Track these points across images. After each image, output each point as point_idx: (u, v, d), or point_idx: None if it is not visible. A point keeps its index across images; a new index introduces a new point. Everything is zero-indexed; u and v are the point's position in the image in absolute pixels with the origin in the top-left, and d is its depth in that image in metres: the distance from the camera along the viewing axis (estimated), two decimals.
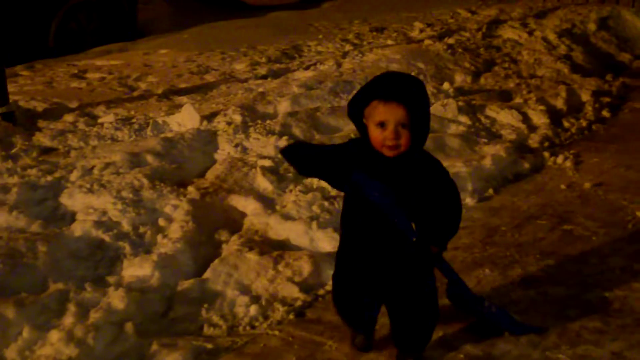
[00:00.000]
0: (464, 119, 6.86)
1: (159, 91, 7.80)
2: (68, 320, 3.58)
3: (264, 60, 9.19)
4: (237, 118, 6.45)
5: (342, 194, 3.20)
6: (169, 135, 6.14)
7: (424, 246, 3.03)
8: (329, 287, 3.84)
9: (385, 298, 3.23)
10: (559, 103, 7.55)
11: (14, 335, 3.48)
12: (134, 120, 6.66)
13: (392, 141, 2.83)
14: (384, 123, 2.82)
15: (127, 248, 4.43)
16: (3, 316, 3.52)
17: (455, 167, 5.61)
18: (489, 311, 3.60)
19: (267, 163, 5.47)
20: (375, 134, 2.87)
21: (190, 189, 5.03)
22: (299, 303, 3.96)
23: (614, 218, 5.00)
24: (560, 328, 3.66)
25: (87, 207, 4.79)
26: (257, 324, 3.82)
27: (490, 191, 5.57)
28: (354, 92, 3.05)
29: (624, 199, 5.33)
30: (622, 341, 3.53)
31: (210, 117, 6.58)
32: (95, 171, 5.30)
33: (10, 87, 7.10)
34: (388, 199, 2.92)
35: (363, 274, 3.14)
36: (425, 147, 5.88)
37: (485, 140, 6.44)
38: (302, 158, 3.13)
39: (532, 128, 6.93)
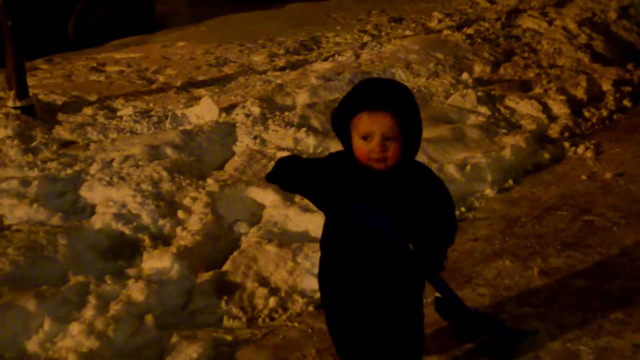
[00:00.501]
0: (483, 109, 6.82)
1: (178, 84, 7.81)
2: (88, 312, 3.60)
3: (282, 52, 9.18)
4: (256, 110, 6.44)
5: None
6: (188, 127, 6.14)
7: (423, 262, 2.75)
8: None
9: (375, 326, 2.86)
10: (580, 93, 7.49)
11: (35, 327, 3.50)
12: (152, 113, 6.67)
13: (378, 154, 2.54)
14: (369, 135, 2.53)
15: (147, 240, 4.44)
16: (24, 309, 3.54)
17: (475, 157, 5.59)
18: (480, 322, 3.43)
19: (286, 155, 5.45)
20: (359, 146, 2.58)
21: (210, 181, 5.03)
22: (318, 295, 3.95)
23: (636, 208, 4.96)
24: (582, 319, 3.63)
25: (106, 199, 4.81)
26: (276, 315, 3.83)
27: (510, 182, 5.53)
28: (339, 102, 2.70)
29: None
30: None
31: (228, 109, 6.58)
32: (115, 164, 5.32)
33: (30, 81, 7.13)
34: (391, 226, 2.65)
35: (352, 301, 2.80)
36: (444, 138, 5.90)
37: (505, 130, 6.40)
38: (287, 174, 2.75)
39: (552, 118, 6.88)
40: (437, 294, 3.32)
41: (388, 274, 2.74)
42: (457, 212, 5.00)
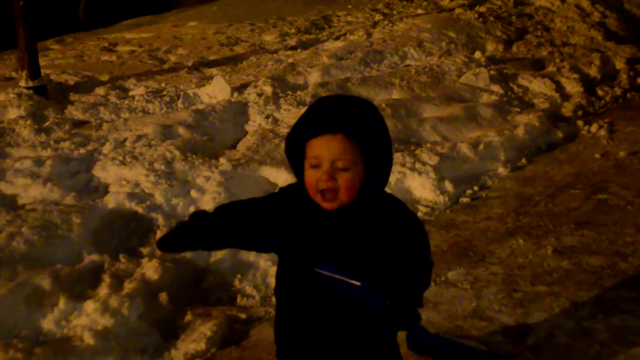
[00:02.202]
0: (496, 88, 6.78)
1: (189, 63, 7.81)
2: (103, 290, 3.61)
3: (293, 31, 9.16)
4: (268, 89, 6.43)
5: None
6: (200, 107, 6.14)
7: (398, 316, 2.10)
8: None
9: None
10: (593, 71, 7.44)
11: (50, 306, 3.51)
12: (164, 93, 6.67)
13: (325, 183, 2.01)
14: (317, 161, 2.02)
15: (160, 219, 4.45)
16: (39, 287, 3.56)
17: (488, 136, 5.57)
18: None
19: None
20: (307, 175, 2.06)
21: (222, 160, 5.03)
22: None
23: None
24: (596, 298, 3.62)
25: (120, 179, 4.82)
26: None
27: (524, 161, 5.51)
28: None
29: None
30: None
31: (240, 88, 6.57)
32: (128, 143, 5.33)
33: (42, 61, 7.15)
34: (368, 291, 2.03)
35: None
36: (457, 117, 5.88)
37: (518, 109, 6.38)
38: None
39: (566, 97, 6.84)
40: None
41: (358, 329, 2.17)
42: (469, 191, 4.99)
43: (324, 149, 2.01)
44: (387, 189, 2.21)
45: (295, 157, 2.11)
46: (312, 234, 2.11)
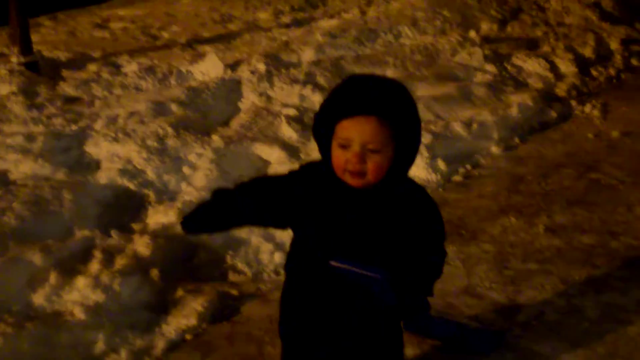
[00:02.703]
0: (490, 67, 6.77)
1: (183, 40, 7.78)
2: (94, 266, 3.60)
3: (287, 9, 9.12)
4: (261, 67, 6.41)
5: None
6: (193, 84, 6.12)
7: (409, 305, 2.15)
8: None
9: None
10: (587, 51, 7.43)
11: (41, 281, 3.50)
12: (157, 70, 6.64)
13: (354, 165, 1.99)
14: (347, 142, 2.00)
15: (152, 196, 4.45)
16: (30, 262, 3.55)
17: (482, 115, 5.57)
18: (458, 340, 3.19)
19: (291, 112, 5.44)
20: (335, 155, 2.03)
21: (215, 137, 5.02)
22: None
23: None
24: (586, 276, 3.63)
25: (112, 155, 4.80)
26: (281, 270, 3.82)
27: (517, 140, 5.51)
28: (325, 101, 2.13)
29: None
30: None
31: (234, 66, 6.55)
32: (120, 120, 5.31)
33: (34, 37, 7.11)
34: (384, 284, 2.05)
35: (319, 343, 2.26)
36: (451, 96, 5.88)
37: (512, 88, 6.37)
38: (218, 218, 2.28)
39: (560, 76, 6.84)
40: None
41: (366, 314, 2.20)
42: (462, 170, 4.99)
43: (356, 131, 1.98)
44: None
45: (323, 135, 2.07)
46: (334, 208, 2.09)
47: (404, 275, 2.07)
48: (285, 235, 3.98)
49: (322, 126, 2.07)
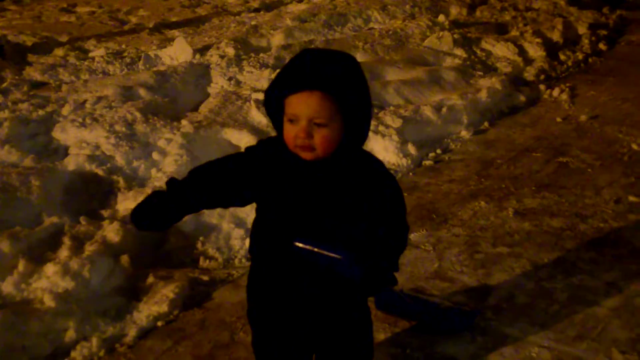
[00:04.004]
0: (459, 51, 6.80)
1: (150, 25, 7.71)
2: (63, 253, 3.56)
3: None
4: (230, 51, 6.37)
5: None
6: (162, 69, 6.07)
7: (373, 280, 2.12)
8: None
9: (315, 348, 2.40)
10: (555, 36, 7.49)
11: (9, 268, 3.46)
12: (125, 54, 6.58)
13: (302, 140, 2.00)
14: (295, 117, 2.01)
15: (121, 182, 4.40)
16: None
17: (451, 99, 5.58)
18: (431, 319, 3.22)
19: (261, 96, 5.42)
20: (286, 129, 2.05)
21: (184, 122, 4.98)
22: None
23: (610, 150, 5.00)
24: (556, 259, 3.66)
25: (80, 141, 4.75)
26: None
27: (486, 124, 5.54)
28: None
29: (620, 131, 5.32)
30: (616, 271, 3.53)
31: (203, 50, 6.50)
32: (88, 105, 5.24)
33: None
34: (348, 262, 2.04)
35: (288, 325, 2.29)
36: (420, 80, 5.88)
37: (481, 73, 6.40)
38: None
39: (528, 61, 6.88)
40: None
41: (333, 293, 2.21)
42: (432, 154, 5.01)
43: (301, 106, 1.99)
44: None
45: (274, 110, 2.09)
46: (291, 181, 2.10)
47: (367, 251, 2.08)
48: None
49: (271, 102, 2.08)
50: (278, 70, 2.08)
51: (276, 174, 2.12)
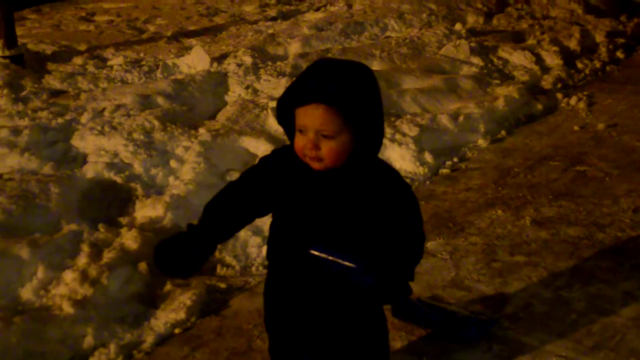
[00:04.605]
0: (476, 60, 6.79)
1: (168, 33, 7.75)
2: (82, 260, 3.59)
3: (273, 1, 9.12)
4: (248, 60, 6.40)
5: None
6: (179, 77, 6.10)
7: (388, 290, 2.07)
8: None
9: (331, 356, 2.34)
10: (573, 44, 7.47)
11: (28, 275, 3.49)
12: (143, 63, 6.62)
13: (310, 151, 2.02)
14: (303, 128, 2.02)
15: (139, 189, 4.43)
16: (18, 257, 3.53)
17: (468, 108, 5.58)
18: (448, 328, 3.21)
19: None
20: (296, 140, 2.06)
21: (202, 130, 5.00)
22: None
23: (628, 159, 4.97)
24: (573, 268, 3.65)
25: (98, 149, 4.78)
26: None
27: (503, 132, 5.53)
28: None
29: (638, 140, 5.30)
30: (634, 281, 3.52)
31: (220, 59, 6.53)
32: (106, 113, 5.28)
33: (19, 30, 7.06)
34: (362, 270, 2.04)
35: (304, 332, 2.29)
36: (437, 89, 5.88)
37: (498, 81, 6.39)
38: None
39: (545, 69, 6.87)
40: None
41: (348, 300, 2.20)
42: (449, 163, 5.01)
43: (309, 119, 2.00)
44: None
45: (286, 120, 2.10)
46: (303, 190, 2.11)
47: (381, 260, 2.07)
48: None
49: (282, 113, 2.10)
50: (294, 80, 2.09)
51: (289, 183, 2.14)
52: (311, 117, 1.99)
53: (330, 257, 2.05)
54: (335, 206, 2.10)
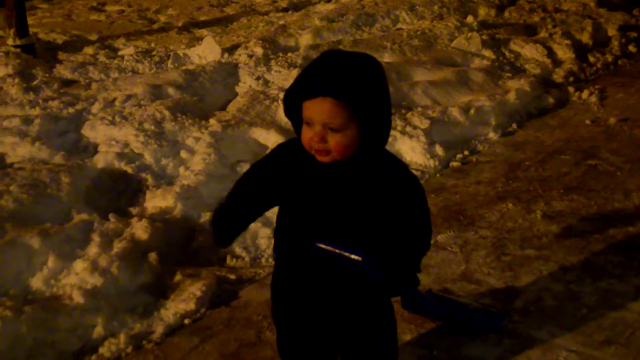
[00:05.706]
0: (487, 53, 6.76)
1: (179, 24, 7.75)
2: (92, 250, 3.60)
3: None
4: (259, 51, 6.39)
5: None
6: (190, 67, 6.10)
7: (396, 282, 2.09)
8: None
9: (339, 348, 2.38)
10: (585, 37, 7.42)
11: (39, 264, 3.50)
12: (154, 53, 6.62)
13: (316, 144, 2.02)
14: (310, 121, 2.01)
15: (150, 180, 4.43)
16: (28, 246, 3.54)
17: (479, 101, 5.56)
18: (458, 320, 3.20)
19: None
20: (303, 132, 2.06)
21: (212, 121, 5.00)
22: None
23: (639, 153, 4.94)
24: (584, 262, 3.64)
25: (109, 139, 4.79)
26: None
27: (514, 126, 5.51)
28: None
29: None
30: None
31: (231, 49, 6.52)
32: (117, 103, 5.29)
33: (30, 20, 7.07)
34: (369, 263, 2.04)
35: (312, 325, 2.29)
36: (448, 81, 5.86)
37: (509, 74, 6.36)
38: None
39: (557, 62, 6.83)
40: None
41: (355, 294, 2.20)
42: (460, 156, 4.99)
43: (315, 112, 1.99)
44: None
45: (293, 113, 2.09)
46: (311, 183, 2.11)
47: (388, 252, 2.07)
48: None
49: (290, 106, 2.09)
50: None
51: (296, 175, 2.14)
52: (318, 110, 1.98)
53: (337, 250, 2.06)
54: (342, 198, 2.09)
